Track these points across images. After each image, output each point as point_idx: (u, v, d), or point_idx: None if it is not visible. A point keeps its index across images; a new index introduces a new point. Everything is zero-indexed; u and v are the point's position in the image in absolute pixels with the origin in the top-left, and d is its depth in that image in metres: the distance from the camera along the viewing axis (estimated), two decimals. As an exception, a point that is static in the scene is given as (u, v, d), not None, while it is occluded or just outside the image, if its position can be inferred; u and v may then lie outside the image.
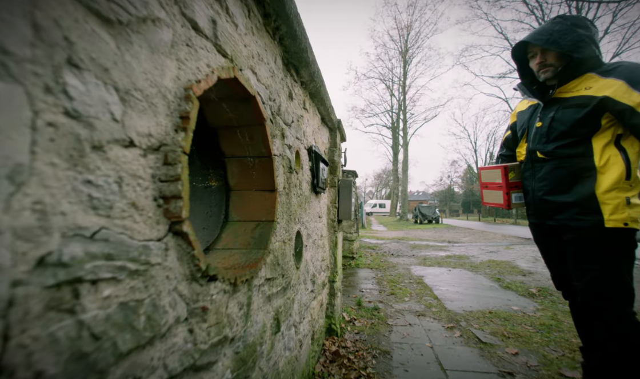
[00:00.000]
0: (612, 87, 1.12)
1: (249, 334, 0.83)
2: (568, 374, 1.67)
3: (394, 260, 5.66)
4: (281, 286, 1.12)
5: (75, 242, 0.35)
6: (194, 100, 0.56)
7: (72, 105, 0.34)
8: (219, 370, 0.67)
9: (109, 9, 0.38)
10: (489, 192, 1.57)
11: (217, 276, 0.65)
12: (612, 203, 1.11)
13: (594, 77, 1.16)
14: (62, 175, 0.33)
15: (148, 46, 0.46)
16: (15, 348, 0.27)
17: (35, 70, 0.29)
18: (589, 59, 1.18)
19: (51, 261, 0.31)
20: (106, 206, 0.39)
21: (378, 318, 2.59)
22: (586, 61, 1.18)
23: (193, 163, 1.02)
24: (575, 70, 1.20)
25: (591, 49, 1.17)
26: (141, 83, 0.45)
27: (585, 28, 1.20)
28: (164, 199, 0.51)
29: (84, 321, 0.35)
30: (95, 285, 0.37)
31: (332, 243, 2.27)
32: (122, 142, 0.42)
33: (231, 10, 0.72)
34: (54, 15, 0.31)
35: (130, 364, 0.41)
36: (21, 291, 0.28)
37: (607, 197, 1.12)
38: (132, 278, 0.43)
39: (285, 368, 1.17)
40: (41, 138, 0.30)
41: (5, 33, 0.26)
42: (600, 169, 1.14)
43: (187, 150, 0.55)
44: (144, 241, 0.46)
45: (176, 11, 0.52)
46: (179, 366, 0.52)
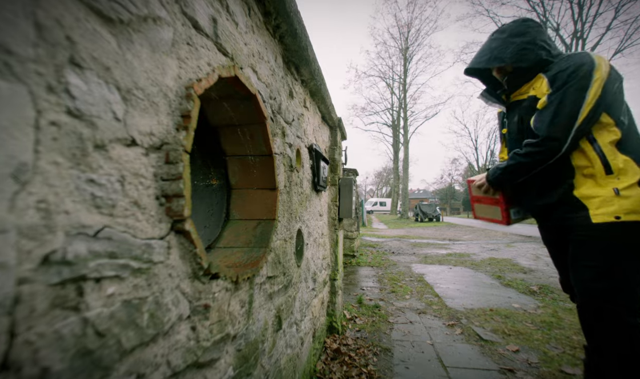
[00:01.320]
0: (541, 85, 1.12)
1: (251, 332, 0.83)
2: (569, 371, 1.68)
3: (395, 258, 5.66)
4: (282, 284, 1.13)
5: (79, 240, 0.35)
6: (195, 98, 0.56)
7: (74, 104, 0.34)
8: (221, 367, 0.67)
9: (110, 8, 0.38)
10: (483, 207, 1.39)
11: (219, 275, 0.65)
12: (597, 197, 1.02)
13: (541, 77, 1.13)
14: (65, 174, 0.33)
15: (149, 45, 0.46)
16: (21, 344, 0.27)
17: (38, 70, 0.29)
18: (535, 63, 1.14)
19: (55, 259, 0.32)
20: (109, 205, 0.40)
21: (379, 315, 2.59)
22: (533, 66, 1.15)
23: (194, 162, 1.02)
24: (523, 77, 1.18)
25: (535, 53, 1.14)
26: (142, 82, 0.45)
27: (523, 34, 1.17)
28: (166, 198, 0.51)
29: (89, 318, 0.35)
30: (99, 283, 0.37)
31: (333, 241, 2.28)
32: (124, 141, 0.42)
33: (231, 8, 0.72)
34: (56, 15, 0.31)
35: (135, 361, 0.42)
36: (26, 288, 0.28)
37: (588, 194, 1.03)
38: (135, 276, 0.43)
39: (287, 366, 1.17)
40: (44, 138, 0.31)
41: (8, 33, 0.26)
42: (577, 168, 1.07)
43: (188, 148, 0.55)
44: (147, 240, 0.46)
45: (177, 10, 0.52)
46: (182, 363, 0.53)
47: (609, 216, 0.99)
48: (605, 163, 1.02)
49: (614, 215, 0.98)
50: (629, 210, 0.96)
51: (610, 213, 0.99)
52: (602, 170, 1.02)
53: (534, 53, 1.15)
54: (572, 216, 1.08)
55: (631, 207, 0.97)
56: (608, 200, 1.00)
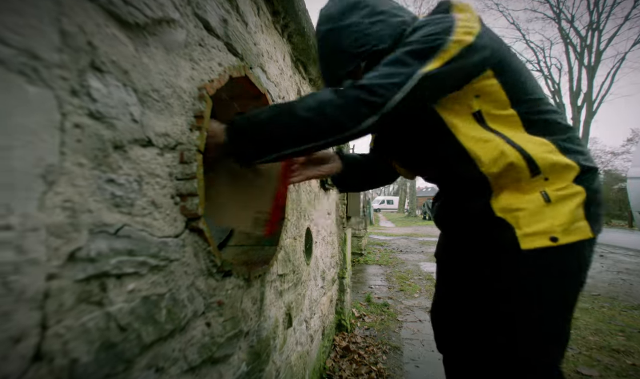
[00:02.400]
0: None
1: (263, 328, 0.85)
2: (585, 372, 1.64)
3: (403, 256, 5.62)
4: (292, 282, 1.14)
5: (101, 238, 0.36)
6: (208, 99, 0.57)
7: (95, 107, 0.35)
8: (235, 363, 0.69)
9: (127, 13, 0.39)
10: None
11: (232, 272, 0.66)
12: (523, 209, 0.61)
13: None
14: (88, 174, 0.35)
15: (163, 47, 0.47)
16: (52, 336, 0.29)
17: (63, 74, 0.31)
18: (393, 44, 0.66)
19: (81, 256, 0.33)
20: (128, 204, 0.41)
21: (388, 314, 2.59)
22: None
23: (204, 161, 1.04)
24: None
25: (388, 29, 0.68)
26: (158, 84, 0.46)
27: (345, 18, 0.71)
28: (180, 197, 0.52)
29: (111, 313, 0.36)
30: (120, 279, 0.39)
31: (341, 239, 2.28)
32: (141, 141, 0.43)
33: (241, 8, 0.73)
34: (79, 21, 0.32)
35: (154, 355, 0.43)
36: (55, 284, 0.30)
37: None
38: (153, 273, 0.45)
39: (297, 363, 1.18)
40: (69, 140, 0.32)
41: (36, 40, 0.27)
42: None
43: (202, 148, 0.56)
44: (163, 238, 0.47)
45: (189, 12, 0.53)
46: (198, 357, 0.54)
47: (543, 239, 0.58)
48: (528, 159, 0.61)
49: (548, 235, 0.58)
50: (566, 228, 0.58)
51: (542, 232, 0.58)
52: (527, 172, 0.61)
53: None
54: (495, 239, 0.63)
55: (567, 221, 0.58)
56: (538, 213, 0.59)
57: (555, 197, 0.59)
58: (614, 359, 1.80)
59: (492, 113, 0.62)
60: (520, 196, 0.61)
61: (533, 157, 0.60)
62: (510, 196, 0.62)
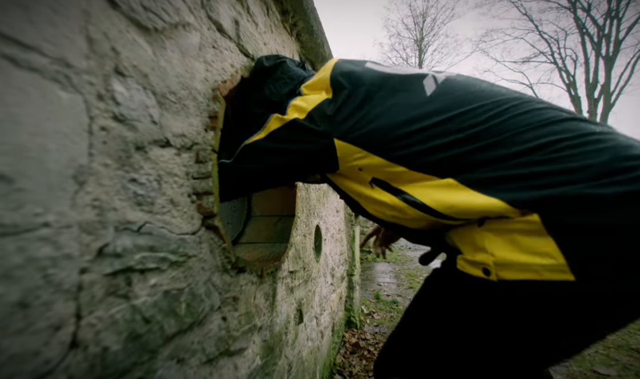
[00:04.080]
0: None
1: (275, 323, 0.87)
2: (602, 371, 1.60)
3: (411, 253, 5.58)
4: (303, 278, 1.15)
5: (125, 235, 0.38)
6: (221, 99, 0.59)
7: (119, 110, 0.37)
8: (249, 356, 0.71)
9: (146, 18, 0.41)
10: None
11: (246, 268, 0.68)
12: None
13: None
14: (113, 174, 0.36)
15: (179, 51, 0.49)
16: (86, 326, 0.31)
17: (90, 80, 0.32)
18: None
19: (108, 252, 0.35)
20: (149, 203, 0.43)
21: (397, 311, 2.58)
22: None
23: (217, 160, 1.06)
24: None
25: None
26: (174, 87, 0.48)
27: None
28: (196, 195, 0.54)
29: (136, 306, 0.38)
30: (143, 274, 0.41)
31: (349, 237, 2.28)
32: (160, 142, 0.45)
33: (252, 9, 0.74)
34: (103, 29, 0.34)
35: (175, 346, 0.45)
36: (87, 277, 0.32)
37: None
38: (173, 269, 0.47)
39: (308, 358, 1.20)
40: (96, 142, 0.34)
41: (67, 48, 0.29)
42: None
43: (216, 148, 0.57)
44: (181, 235, 0.49)
45: (203, 15, 0.55)
46: (216, 350, 0.56)
47: (476, 268, 0.48)
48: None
49: (481, 266, 0.48)
50: (504, 260, 0.45)
51: (477, 262, 0.48)
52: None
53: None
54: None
55: (504, 254, 0.45)
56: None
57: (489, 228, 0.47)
58: (633, 358, 1.75)
59: (389, 176, 0.53)
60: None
61: (432, 207, 0.49)
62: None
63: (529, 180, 0.43)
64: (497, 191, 0.44)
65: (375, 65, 0.61)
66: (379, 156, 0.52)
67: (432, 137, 0.49)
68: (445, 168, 0.49)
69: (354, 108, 0.54)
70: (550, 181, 0.42)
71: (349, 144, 0.53)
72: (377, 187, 0.55)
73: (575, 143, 0.42)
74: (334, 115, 0.55)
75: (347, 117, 0.54)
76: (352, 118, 0.54)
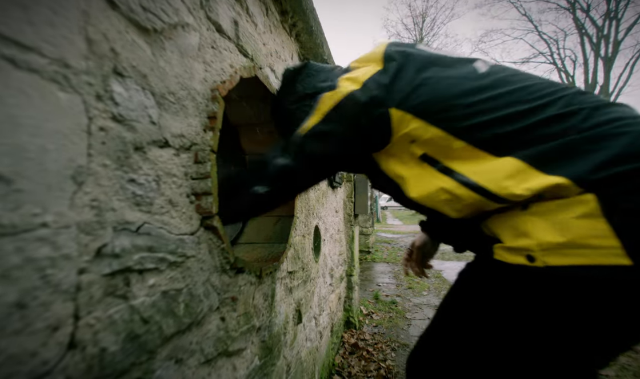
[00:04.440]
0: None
1: (274, 324, 0.87)
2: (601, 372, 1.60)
3: (411, 254, 5.57)
4: (302, 279, 1.15)
5: (124, 235, 0.38)
6: (220, 100, 0.59)
7: (118, 110, 0.37)
8: (248, 357, 0.71)
9: (146, 19, 0.41)
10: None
11: (244, 269, 0.68)
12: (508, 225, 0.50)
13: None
14: (112, 174, 0.36)
15: (178, 51, 0.49)
16: (84, 326, 0.31)
17: (89, 81, 0.32)
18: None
19: (107, 252, 0.35)
20: (147, 203, 0.43)
21: (396, 311, 2.58)
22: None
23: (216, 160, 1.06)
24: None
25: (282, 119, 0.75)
26: (173, 87, 0.48)
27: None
28: (195, 195, 0.54)
29: (135, 306, 0.38)
30: (141, 274, 0.41)
31: (348, 237, 2.28)
32: (158, 142, 0.45)
33: (251, 9, 0.74)
34: (103, 29, 0.34)
35: (174, 346, 0.45)
36: (85, 278, 0.32)
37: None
38: (172, 269, 0.47)
39: (307, 358, 1.20)
40: (95, 142, 0.34)
41: (66, 49, 0.29)
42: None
43: (215, 148, 0.57)
44: (180, 235, 0.49)
45: (202, 16, 0.55)
46: (214, 351, 0.56)
47: (519, 255, 0.46)
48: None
49: (525, 253, 0.45)
50: (552, 244, 0.43)
51: (520, 248, 0.46)
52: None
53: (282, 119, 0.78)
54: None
55: (553, 238, 0.43)
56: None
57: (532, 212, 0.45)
58: (631, 358, 1.76)
59: (443, 151, 0.51)
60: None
61: (487, 188, 0.46)
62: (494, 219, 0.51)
63: (591, 156, 0.41)
64: (561, 168, 0.42)
65: (426, 47, 0.61)
66: (437, 127, 0.50)
67: (495, 108, 0.47)
68: (504, 145, 0.46)
69: (410, 77, 0.53)
70: (613, 159, 0.40)
71: (406, 113, 0.51)
72: (427, 164, 0.52)
73: (633, 122, 0.42)
74: (389, 83, 0.53)
75: (404, 85, 0.52)
76: (409, 86, 0.52)
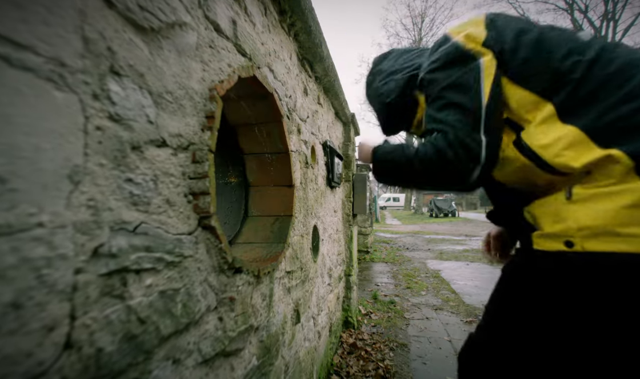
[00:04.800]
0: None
1: (272, 324, 0.86)
2: None
3: (409, 254, 5.60)
4: (300, 279, 1.15)
5: (121, 235, 0.38)
6: (218, 99, 0.58)
7: (114, 109, 0.37)
8: (246, 357, 0.71)
9: (143, 18, 0.40)
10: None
11: (242, 269, 0.68)
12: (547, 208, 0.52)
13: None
14: (108, 174, 0.36)
15: (176, 50, 0.49)
16: (80, 326, 0.31)
17: (86, 80, 0.32)
18: (402, 93, 0.77)
19: (103, 252, 0.35)
20: (145, 203, 0.43)
21: (394, 311, 2.59)
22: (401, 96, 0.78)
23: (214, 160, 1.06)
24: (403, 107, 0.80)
25: (393, 83, 0.79)
26: (171, 86, 0.48)
27: (374, 70, 0.88)
28: (193, 195, 0.54)
29: (132, 306, 0.38)
30: (138, 274, 0.40)
31: (347, 237, 2.28)
32: (156, 142, 0.45)
33: (249, 9, 0.74)
34: (99, 28, 0.33)
35: (171, 347, 0.45)
36: (82, 278, 0.32)
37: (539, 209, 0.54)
38: (169, 269, 0.46)
39: (305, 358, 1.20)
40: (92, 141, 0.33)
41: (62, 48, 0.29)
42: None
43: (213, 148, 0.57)
44: (178, 235, 0.49)
45: (200, 15, 0.55)
46: (212, 350, 0.56)
47: (557, 241, 0.48)
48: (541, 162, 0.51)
49: (563, 239, 0.47)
50: (593, 229, 0.44)
51: (557, 234, 0.48)
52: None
53: (392, 84, 0.81)
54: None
55: (595, 223, 0.44)
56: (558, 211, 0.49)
57: (576, 192, 0.47)
58: None
59: (519, 116, 0.55)
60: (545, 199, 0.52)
61: (543, 157, 0.49)
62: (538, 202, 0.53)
63: None
64: (620, 142, 0.43)
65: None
66: (528, 89, 0.53)
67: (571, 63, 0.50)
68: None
69: (511, 38, 0.56)
70: None
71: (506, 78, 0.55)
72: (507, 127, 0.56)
73: None
74: (489, 41, 0.57)
75: (506, 43, 0.56)
76: (509, 45, 0.55)
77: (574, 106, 0.49)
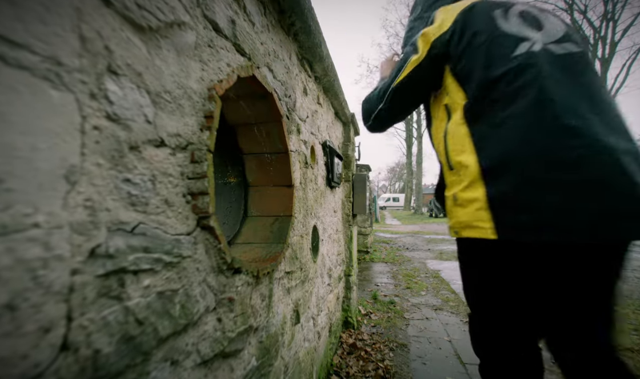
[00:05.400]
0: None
1: (271, 324, 0.86)
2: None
3: (409, 254, 5.59)
4: (299, 279, 1.15)
5: (118, 236, 0.38)
6: (217, 99, 0.58)
7: (112, 109, 0.37)
8: (245, 357, 0.70)
9: (141, 17, 0.40)
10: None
11: (242, 269, 0.68)
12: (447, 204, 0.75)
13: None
14: (106, 174, 0.36)
15: (175, 50, 0.48)
16: (77, 328, 0.30)
17: (83, 79, 0.32)
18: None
19: (100, 253, 0.34)
20: (143, 203, 0.42)
21: (394, 311, 2.59)
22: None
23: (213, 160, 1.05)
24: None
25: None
26: (169, 86, 0.47)
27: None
28: (192, 195, 0.53)
29: (129, 307, 0.38)
30: (136, 275, 0.40)
31: (347, 237, 2.28)
32: (154, 142, 0.45)
33: (248, 8, 0.74)
34: (97, 27, 0.33)
35: (169, 348, 0.45)
36: (78, 279, 0.31)
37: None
38: (167, 270, 0.46)
39: (305, 358, 1.20)
40: (89, 141, 0.33)
41: (59, 46, 0.29)
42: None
43: (212, 148, 0.57)
44: (176, 236, 0.49)
45: (199, 14, 0.54)
46: (211, 352, 0.56)
47: (451, 232, 0.74)
48: (446, 153, 0.72)
49: (453, 229, 0.72)
50: (465, 224, 0.66)
51: (451, 227, 0.73)
52: (446, 163, 0.73)
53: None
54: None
55: (468, 219, 0.65)
56: (450, 211, 0.72)
57: (460, 196, 0.68)
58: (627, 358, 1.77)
59: (453, 103, 0.72)
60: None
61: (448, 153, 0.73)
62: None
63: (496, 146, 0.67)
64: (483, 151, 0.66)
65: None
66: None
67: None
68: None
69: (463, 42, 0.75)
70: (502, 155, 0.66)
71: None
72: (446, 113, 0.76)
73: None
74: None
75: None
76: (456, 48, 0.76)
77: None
